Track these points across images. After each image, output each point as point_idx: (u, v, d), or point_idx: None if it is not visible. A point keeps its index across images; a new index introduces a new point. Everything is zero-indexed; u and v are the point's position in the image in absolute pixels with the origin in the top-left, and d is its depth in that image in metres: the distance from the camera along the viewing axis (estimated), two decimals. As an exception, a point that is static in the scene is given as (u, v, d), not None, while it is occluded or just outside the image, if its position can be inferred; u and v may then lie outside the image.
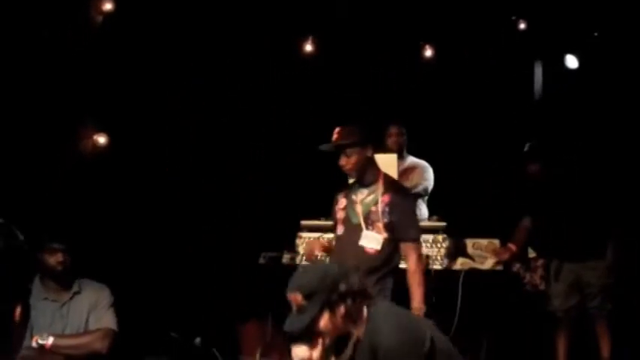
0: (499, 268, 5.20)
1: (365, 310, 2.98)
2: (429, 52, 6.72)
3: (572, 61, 6.50)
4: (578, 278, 5.07)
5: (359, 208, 4.24)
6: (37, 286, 4.22)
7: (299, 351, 3.03)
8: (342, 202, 4.35)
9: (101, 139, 5.61)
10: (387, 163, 5.50)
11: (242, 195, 6.43)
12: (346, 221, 4.29)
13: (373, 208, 4.21)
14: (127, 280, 5.12)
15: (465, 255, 5.22)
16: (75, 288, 4.22)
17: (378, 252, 4.18)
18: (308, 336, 3.00)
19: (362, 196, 4.28)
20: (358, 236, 4.19)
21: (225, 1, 6.08)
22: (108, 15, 5.55)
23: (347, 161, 4.20)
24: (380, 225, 4.17)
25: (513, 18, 6.49)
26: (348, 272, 3.02)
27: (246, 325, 5.74)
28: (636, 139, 6.04)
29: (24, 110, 5.24)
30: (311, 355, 3.01)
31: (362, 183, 4.30)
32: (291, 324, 2.95)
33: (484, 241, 5.33)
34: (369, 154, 4.25)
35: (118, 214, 5.74)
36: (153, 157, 5.97)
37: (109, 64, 5.62)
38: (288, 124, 6.59)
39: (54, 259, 4.12)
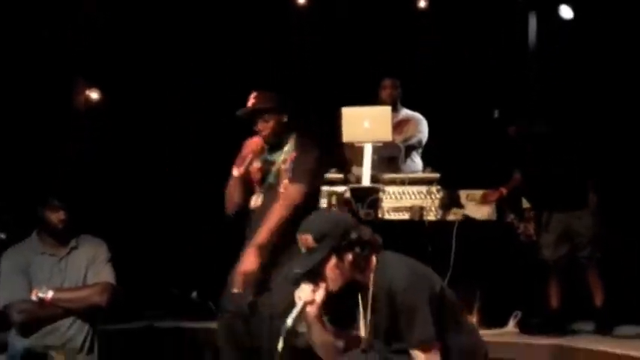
0: (493, 218, 5.25)
1: (374, 259, 3.09)
2: (422, 3, 6.70)
3: (566, 12, 6.47)
4: (567, 228, 5.14)
5: (274, 168, 4.12)
6: (34, 240, 4.23)
7: (302, 292, 3.08)
8: (256, 163, 4.15)
9: (94, 95, 5.60)
10: (381, 115, 5.54)
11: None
12: (262, 182, 4.14)
13: (283, 167, 4.08)
14: (126, 236, 5.16)
15: (459, 206, 5.26)
16: (72, 243, 4.23)
17: None
18: (314, 277, 3.06)
19: (277, 157, 4.13)
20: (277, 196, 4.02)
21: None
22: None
23: (264, 126, 4.07)
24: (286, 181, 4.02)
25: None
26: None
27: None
28: (628, 90, 6.06)
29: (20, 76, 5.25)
30: (314, 298, 3.06)
31: (278, 147, 4.15)
32: (299, 264, 3.06)
33: (478, 192, 5.37)
34: (285, 119, 4.12)
35: (116, 170, 5.77)
36: (150, 112, 5.98)
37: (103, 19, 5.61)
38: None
39: (55, 217, 4.12)
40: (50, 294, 4.05)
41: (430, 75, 6.68)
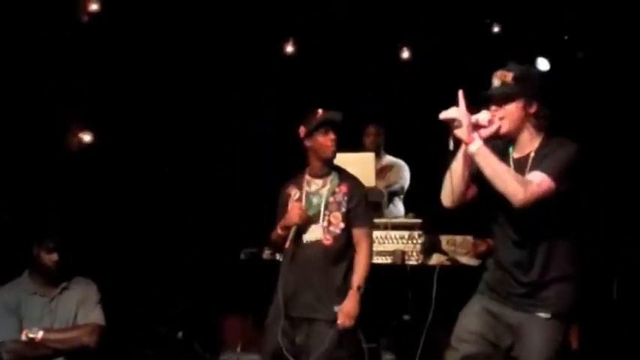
0: (474, 263, 5.35)
1: (546, 131, 3.30)
2: (406, 54, 6.87)
3: (543, 64, 6.68)
4: None
5: (316, 199, 4.28)
6: (25, 280, 4.29)
7: (480, 115, 3.29)
8: (295, 192, 4.32)
9: (86, 137, 5.69)
10: (364, 162, 5.67)
11: (222, 192, 6.53)
12: None
13: (331, 199, 4.26)
14: (112, 275, 5.20)
15: (440, 251, 5.37)
16: (64, 284, 4.30)
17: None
18: (500, 102, 3.25)
19: (316, 187, 4.33)
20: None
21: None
22: (94, 14, 5.62)
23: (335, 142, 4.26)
24: (339, 215, 4.23)
25: (487, 21, 6.67)
26: None
27: (227, 319, 5.88)
28: (605, 139, 6.23)
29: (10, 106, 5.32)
30: (487, 123, 3.27)
31: (316, 174, 4.32)
32: (491, 89, 3.29)
33: (459, 238, 5.47)
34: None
35: (102, 211, 5.82)
36: (137, 154, 6.05)
37: (95, 61, 5.70)
38: (265, 121, 6.70)
39: (49, 259, 4.19)
40: (40, 334, 4.11)
41: (413, 123, 6.82)
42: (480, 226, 5.50)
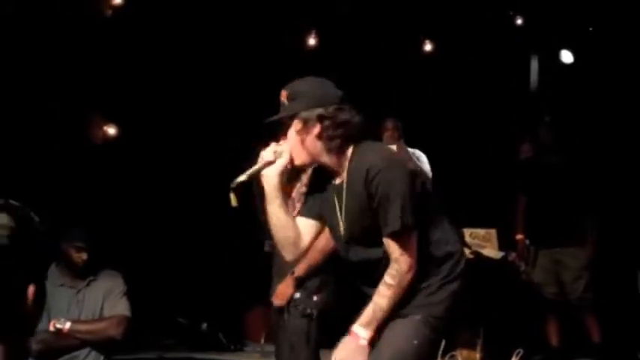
0: (497, 256, 5.36)
1: (351, 148, 2.73)
2: (428, 47, 6.85)
3: (567, 56, 6.65)
4: (556, 265, 5.20)
5: None
6: (53, 272, 4.30)
7: (265, 152, 2.78)
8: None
9: (111, 130, 5.73)
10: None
11: (247, 184, 6.55)
12: None
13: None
14: (137, 267, 5.26)
15: (463, 244, 5.37)
16: (90, 275, 4.36)
17: None
18: (279, 131, 2.79)
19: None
20: None
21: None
22: (118, 8, 5.66)
23: None
24: None
25: (511, 13, 6.64)
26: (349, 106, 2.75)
27: (251, 311, 5.92)
28: (627, 133, 6.21)
29: (38, 104, 5.37)
30: (274, 159, 2.75)
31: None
32: (271, 117, 2.78)
33: (481, 231, 5.48)
34: None
35: (127, 203, 5.87)
36: (163, 146, 6.09)
37: (120, 56, 5.74)
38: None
39: (78, 257, 4.23)
40: (68, 325, 4.15)
41: (435, 116, 6.82)
42: (502, 220, 5.54)
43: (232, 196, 2.77)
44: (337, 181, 2.78)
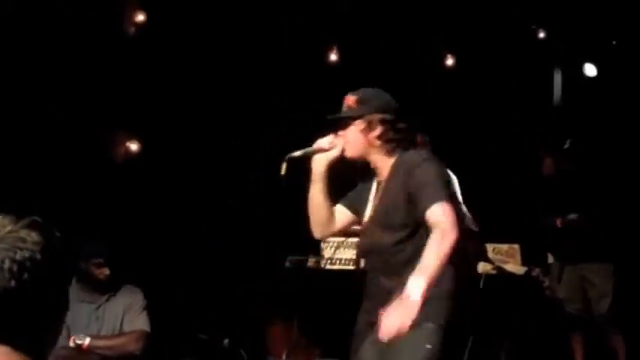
0: (520, 272, 5.30)
1: (398, 153, 3.05)
2: (450, 61, 6.82)
3: (590, 70, 6.59)
4: (581, 281, 5.15)
5: None
6: (73, 287, 4.34)
7: (322, 140, 3.20)
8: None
9: (133, 146, 5.75)
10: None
11: (269, 199, 6.55)
12: None
13: None
14: (158, 282, 5.27)
15: (486, 259, 5.33)
16: (111, 291, 4.37)
17: None
18: (338, 127, 3.14)
19: None
20: None
21: (253, 11, 6.21)
22: (140, 26, 5.69)
23: None
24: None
25: (533, 27, 6.60)
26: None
27: (273, 327, 5.89)
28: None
29: (57, 118, 5.40)
30: (328, 148, 3.16)
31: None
32: (334, 113, 3.16)
33: (504, 246, 5.43)
34: None
35: (149, 218, 5.89)
36: (182, 162, 6.11)
37: (142, 72, 5.76)
38: (312, 128, 6.70)
39: (100, 272, 4.26)
40: (87, 341, 4.17)
41: (458, 130, 6.79)
42: (526, 233, 5.48)
43: (283, 166, 3.17)
44: (378, 178, 3.12)
